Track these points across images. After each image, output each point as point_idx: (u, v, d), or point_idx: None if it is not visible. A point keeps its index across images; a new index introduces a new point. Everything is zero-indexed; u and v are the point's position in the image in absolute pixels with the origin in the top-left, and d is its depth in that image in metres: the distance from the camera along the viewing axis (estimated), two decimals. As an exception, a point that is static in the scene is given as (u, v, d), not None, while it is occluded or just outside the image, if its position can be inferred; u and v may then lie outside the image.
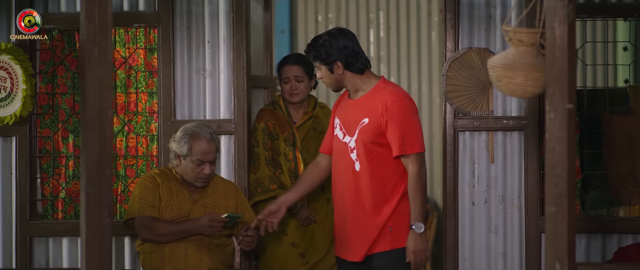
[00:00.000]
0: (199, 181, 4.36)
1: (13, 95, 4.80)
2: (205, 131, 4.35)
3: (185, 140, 4.31)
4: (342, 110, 4.13)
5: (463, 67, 4.84)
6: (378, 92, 4.00)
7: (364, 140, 3.97)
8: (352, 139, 4.02)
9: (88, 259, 2.63)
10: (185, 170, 4.35)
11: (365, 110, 3.99)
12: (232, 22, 4.88)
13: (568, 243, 2.65)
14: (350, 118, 4.05)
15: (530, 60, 3.12)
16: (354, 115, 4.03)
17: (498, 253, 4.88)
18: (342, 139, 4.08)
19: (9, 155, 4.97)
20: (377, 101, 3.97)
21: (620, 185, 5.08)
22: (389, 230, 3.99)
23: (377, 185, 3.99)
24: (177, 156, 4.36)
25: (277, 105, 4.89)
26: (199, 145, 4.30)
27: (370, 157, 3.98)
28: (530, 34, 3.15)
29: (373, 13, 7.86)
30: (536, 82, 3.11)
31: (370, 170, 3.98)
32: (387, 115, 3.92)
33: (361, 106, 4.02)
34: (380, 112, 3.94)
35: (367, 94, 4.03)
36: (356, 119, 4.01)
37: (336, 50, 4.00)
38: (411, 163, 3.95)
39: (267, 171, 4.75)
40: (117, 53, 4.98)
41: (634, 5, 4.82)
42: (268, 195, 4.72)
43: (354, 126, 4.02)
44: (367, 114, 3.98)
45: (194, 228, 4.25)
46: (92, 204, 2.64)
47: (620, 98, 5.24)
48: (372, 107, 3.97)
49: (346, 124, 4.07)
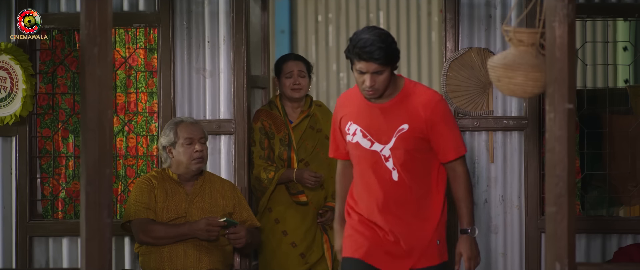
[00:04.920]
0: (193, 163, 4.34)
1: (13, 95, 4.80)
2: (186, 118, 4.45)
3: (170, 128, 4.38)
4: (362, 115, 3.71)
5: (463, 67, 4.84)
6: (412, 95, 3.66)
7: (405, 148, 3.64)
8: (385, 146, 3.66)
9: (88, 259, 2.63)
10: (179, 160, 4.35)
11: (402, 116, 3.64)
12: (232, 22, 4.88)
13: (568, 243, 2.65)
14: (381, 124, 3.66)
15: (530, 60, 3.12)
16: (386, 121, 3.65)
17: (498, 253, 4.88)
18: (369, 147, 3.69)
19: (9, 155, 4.97)
20: (416, 105, 3.63)
21: (620, 185, 5.08)
22: (437, 243, 3.73)
23: (420, 195, 3.70)
24: (167, 150, 4.37)
25: (274, 105, 4.90)
26: (183, 127, 4.36)
27: (412, 165, 3.67)
28: (530, 34, 3.15)
29: (373, 13, 7.87)
30: (536, 82, 3.11)
31: (411, 179, 3.67)
32: (431, 119, 3.62)
33: (395, 111, 3.66)
34: (423, 117, 3.62)
35: (397, 96, 3.66)
36: (391, 125, 3.65)
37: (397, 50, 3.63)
38: (460, 165, 3.70)
39: (262, 164, 4.75)
40: (117, 53, 4.98)
41: (634, 5, 4.82)
42: (273, 184, 4.72)
43: (387, 133, 3.65)
44: (406, 120, 3.64)
45: (191, 231, 4.25)
46: (92, 204, 2.64)
47: (620, 98, 5.24)
48: (410, 111, 3.64)
49: (374, 130, 3.67)
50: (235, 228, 4.31)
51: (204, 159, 4.37)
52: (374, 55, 3.51)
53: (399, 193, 3.68)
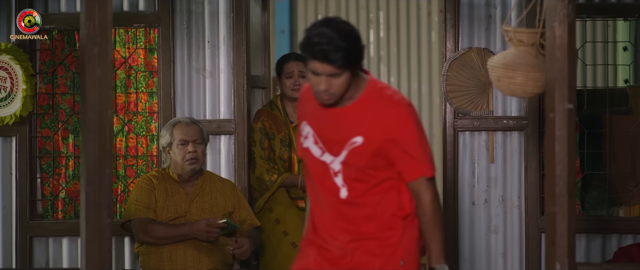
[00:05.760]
0: (186, 164, 4.34)
1: (13, 95, 4.80)
2: (184, 118, 4.45)
3: (167, 129, 4.40)
4: (317, 118, 3.12)
5: (463, 67, 4.84)
6: (374, 101, 3.04)
7: (357, 165, 3.04)
8: (335, 159, 3.06)
9: (88, 259, 2.63)
10: (175, 161, 4.36)
11: (358, 126, 3.03)
12: (232, 22, 4.88)
13: (568, 243, 2.65)
14: (332, 133, 3.07)
15: (530, 60, 3.13)
16: (338, 130, 3.06)
17: (498, 253, 4.88)
18: (319, 156, 3.10)
19: (9, 155, 4.97)
20: (375, 114, 3.03)
21: (620, 185, 5.08)
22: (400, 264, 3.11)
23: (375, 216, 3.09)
24: (166, 151, 4.39)
25: (275, 105, 4.90)
26: (179, 129, 4.37)
27: (365, 184, 3.07)
28: (530, 34, 3.15)
29: (373, 13, 7.86)
30: (536, 82, 3.11)
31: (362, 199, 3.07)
32: (392, 132, 3.01)
33: (349, 119, 3.05)
34: (383, 128, 3.01)
35: (356, 102, 3.05)
36: (343, 136, 3.05)
37: (361, 49, 3.03)
38: (425, 188, 3.04)
39: (264, 165, 4.75)
40: (117, 53, 4.98)
41: (634, 5, 4.82)
42: (274, 187, 4.72)
43: (339, 145, 3.05)
44: (360, 132, 3.03)
45: (191, 232, 4.26)
46: (92, 204, 2.64)
47: (620, 98, 5.25)
48: (369, 121, 3.03)
49: (325, 138, 3.09)
50: (238, 242, 4.32)
51: (198, 160, 4.37)
52: (331, 56, 2.90)
53: (350, 213, 3.09)
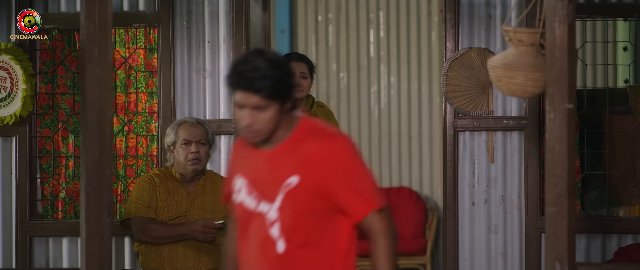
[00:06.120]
0: (188, 164, 4.34)
1: (13, 95, 4.80)
2: (190, 118, 4.43)
3: (172, 128, 4.39)
4: (248, 165, 2.83)
5: (463, 67, 4.84)
6: (306, 138, 2.75)
7: (295, 209, 2.72)
8: (271, 206, 2.74)
9: (88, 259, 2.63)
10: (178, 160, 4.36)
11: (290, 166, 2.73)
12: (232, 22, 4.88)
13: (568, 243, 2.65)
14: (266, 177, 2.77)
15: (530, 60, 3.13)
16: (272, 173, 2.76)
17: (498, 253, 4.88)
18: (254, 208, 2.77)
19: (9, 155, 4.97)
20: (309, 151, 2.72)
21: (620, 185, 5.08)
22: None
23: None
24: (170, 150, 4.39)
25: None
26: (184, 128, 4.36)
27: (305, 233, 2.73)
28: (530, 34, 3.15)
29: (373, 13, 7.86)
30: (536, 82, 3.11)
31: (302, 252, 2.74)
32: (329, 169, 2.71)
33: (282, 159, 2.75)
34: (318, 166, 2.71)
35: (288, 140, 2.75)
36: (277, 178, 2.74)
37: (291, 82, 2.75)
38: (378, 222, 2.72)
39: None
40: (117, 53, 4.98)
41: (634, 5, 4.82)
42: None
43: (273, 189, 2.74)
44: (295, 171, 2.72)
45: (188, 232, 4.26)
46: (92, 204, 2.64)
47: (620, 98, 5.25)
48: (302, 159, 2.72)
49: (259, 184, 2.77)
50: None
51: (200, 160, 4.36)
52: (255, 84, 2.65)
53: None
